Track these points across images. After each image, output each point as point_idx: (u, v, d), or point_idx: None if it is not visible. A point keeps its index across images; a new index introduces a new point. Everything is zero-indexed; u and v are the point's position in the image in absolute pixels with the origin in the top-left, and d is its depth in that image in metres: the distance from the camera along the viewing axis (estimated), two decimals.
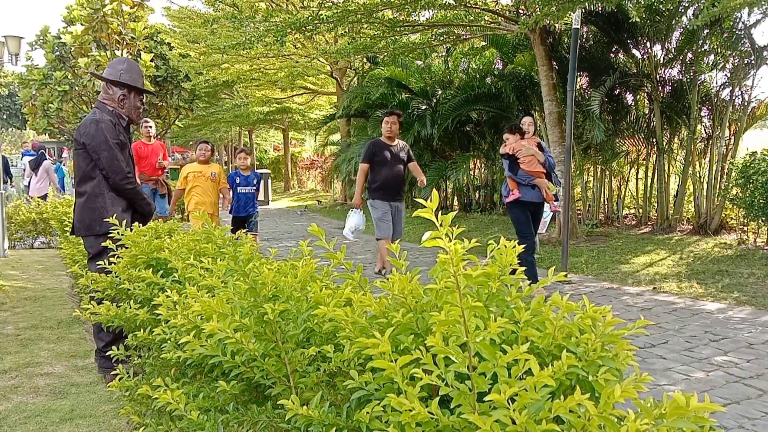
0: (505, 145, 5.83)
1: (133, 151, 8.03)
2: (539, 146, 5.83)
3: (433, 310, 1.29)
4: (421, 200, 1.22)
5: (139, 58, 9.41)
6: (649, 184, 9.76)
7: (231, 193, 7.01)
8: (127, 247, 2.69)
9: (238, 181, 6.98)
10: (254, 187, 7.12)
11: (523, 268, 1.46)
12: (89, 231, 3.49)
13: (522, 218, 5.73)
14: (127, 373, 2.24)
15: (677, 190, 9.24)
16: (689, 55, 8.90)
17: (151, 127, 8.40)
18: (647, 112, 9.79)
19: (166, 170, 8.61)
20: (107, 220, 2.97)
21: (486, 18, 9.15)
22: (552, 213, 5.95)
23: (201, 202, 6.63)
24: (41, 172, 13.38)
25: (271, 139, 35.99)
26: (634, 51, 9.61)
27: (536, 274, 5.53)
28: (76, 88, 11.42)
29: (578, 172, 9.95)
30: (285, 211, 17.14)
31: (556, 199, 5.97)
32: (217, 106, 22.12)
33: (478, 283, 1.28)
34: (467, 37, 10.58)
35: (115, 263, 2.63)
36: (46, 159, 13.93)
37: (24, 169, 15.14)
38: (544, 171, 5.69)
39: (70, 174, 17.80)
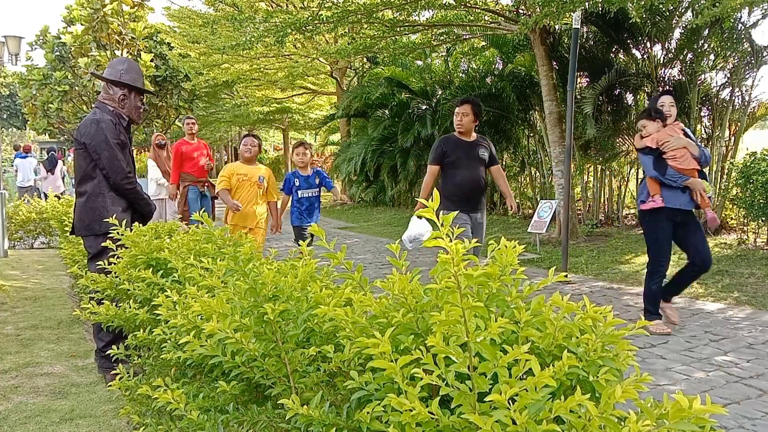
0: (643, 136, 4.56)
1: (174, 150, 7.58)
2: (685, 134, 4.57)
3: (434, 310, 1.29)
4: (422, 200, 1.22)
5: (139, 58, 9.41)
6: None
7: (287, 201, 5.84)
8: (127, 247, 2.69)
9: (297, 183, 5.64)
10: (317, 189, 5.72)
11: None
12: (89, 231, 3.49)
13: (662, 235, 4.42)
14: (127, 373, 2.24)
15: None
16: (689, 55, 8.90)
17: (194, 124, 7.75)
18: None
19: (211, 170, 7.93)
20: (107, 220, 2.98)
21: (486, 18, 9.15)
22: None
23: (243, 213, 5.35)
24: (58, 171, 14.16)
25: (271, 139, 36.00)
26: (634, 51, 9.61)
27: (658, 304, 4.55)
28: (76, 88, 11.43)
29: (578, 172, 9.94)
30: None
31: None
32: (217, 106, 22.14)
33: (479, 283, 1.28)
34: (467, 37, 10.58)
35: (115, 263, 2.63)
36: (58, 159, 14.54)
37: (17, 170, 15.54)
38: (698, 168, 4.41)
39: (70, 174, 18.01)
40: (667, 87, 9.28)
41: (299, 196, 5.66)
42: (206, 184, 7.60)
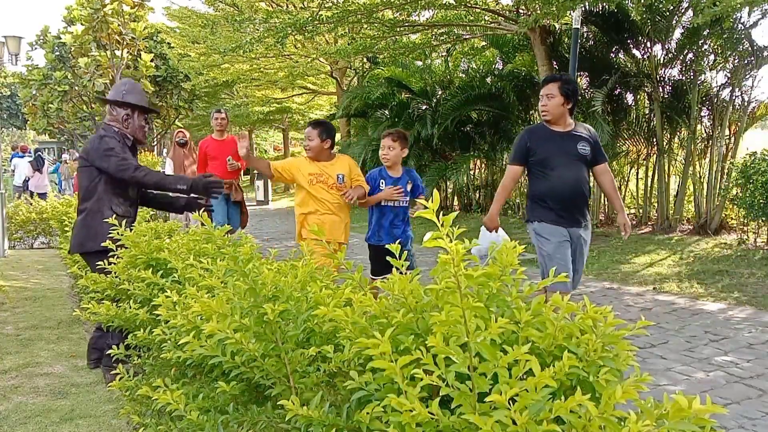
0: None
1: (200, 150, 6.85)
2: None
3: (434, 310, 1.29)
4: (421, 201, 1.22)
5: (139, 58, 9.41)
6: (649, 184, 9.75)
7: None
8: (127, 247, 2.69)
9: (382, 187, 4.15)
10: (407, 198, 4.21)
11: None
12: (81, 248, 3.44)
13: None
14: (127, 373, 2.24)
15: (677, 190, 9.23)
16: (689, 55, 8.90)
17: (224, 119, 6.71)
18: (647, 112, 9.79)
19: (241, 172, 6.88)
20: (107, 236, 2.94)
21: (486, 18, 9.16)
22: None
23: (327, 223, 3.98)
24: (44, 171, 14.56)
25: (271, 139, 36.00)
26: (635, 51, 9.61)
27: None
28: (76, 88, 11.42)
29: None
30: (285, 211, 17.14)
31: None
32: (217, 106, 22.13)
33: (479, 284, 1.28)
34: (467, 37, 10.59)
35: (114, 263, 2.63)
36: (44, 159, 14.85)
37: (14, 171, 15.87)
38: None
39: (66, 174, 18.27)
40: (668, 87, 9.28)
41: (383, 204, 4.16)
42: (231, 187, 6.60)
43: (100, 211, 3.42)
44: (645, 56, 9.39)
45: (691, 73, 8.84)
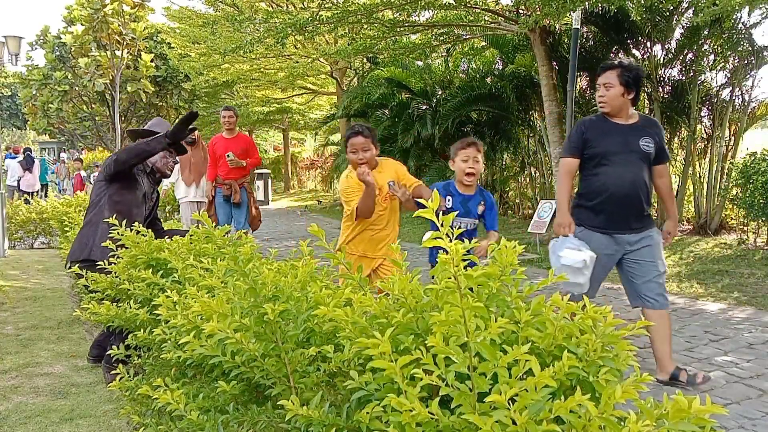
0: None
1: (209, 148, 6.62)
2: None
3: (434, 310, 1.29)
4: (422, 200, 1.22)
5: (139, 58, 9.42)
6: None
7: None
8: (127, 247, 2.69)
9: (450, 203, 3.38)
10: (477, 220, 3.47)
11: None
12: (72, 257, 3.43)
13: None
14: (127, 373, 2.24)
15: (677, 190, 9.23)
16: (689, 55, 8.90)
17: (231, 115, 6.50)
18: (647, 112, 9.79)
19: (248, 171, 6.70)
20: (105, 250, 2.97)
21: (486, 18, 9.16)
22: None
23: (372, 239, 3.53)
24: (35, 170, 14.96)
25: (271, 139, 35.97)
26: (634, 51, 9.62)
27: None
28: (76, 88, 11.44)
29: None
30: (285, 211, 17.14)
31: None
32: (217, 106, 22.10)
33: (479, 283, 1.28)
34: (467, 37, 10.59)
35: (115, 263, 2.64)
36: (33, 159, 15.39)
37: (6, 170, 16.34)
38: None
39: (67, 174, 18.45)
40: (668, 87, 9.28)
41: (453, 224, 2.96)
42: (231, 188, 6.34)
43: (97, 222, 3.43)
44: (645, 56, 9.39)
45: (691, 73, 8.84)
